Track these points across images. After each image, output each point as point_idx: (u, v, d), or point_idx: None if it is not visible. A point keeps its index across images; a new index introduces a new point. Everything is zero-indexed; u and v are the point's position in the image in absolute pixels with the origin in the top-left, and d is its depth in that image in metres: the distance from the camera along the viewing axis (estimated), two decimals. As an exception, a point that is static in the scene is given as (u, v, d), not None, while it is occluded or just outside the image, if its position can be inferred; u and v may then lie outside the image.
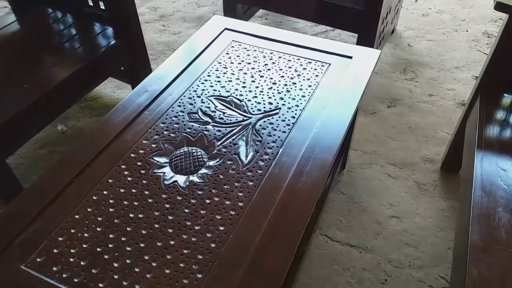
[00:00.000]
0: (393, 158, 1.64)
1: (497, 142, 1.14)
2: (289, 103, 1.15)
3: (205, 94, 1.17)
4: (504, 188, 1.01)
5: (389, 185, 1.55)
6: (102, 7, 1.64)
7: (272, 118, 1.10)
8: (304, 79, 1.23)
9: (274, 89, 1.19)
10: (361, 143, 1.71)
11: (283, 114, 1.11)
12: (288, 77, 1.24)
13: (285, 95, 1.18)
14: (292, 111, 1.12)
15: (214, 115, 1.11)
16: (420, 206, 1.47)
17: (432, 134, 1.74)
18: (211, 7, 2.57)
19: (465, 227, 0.98)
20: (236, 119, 1.09)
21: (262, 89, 1.20)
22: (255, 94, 1.18)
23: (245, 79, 1.23)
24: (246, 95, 1.17)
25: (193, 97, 1.16)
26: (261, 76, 1.24)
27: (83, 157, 0.99)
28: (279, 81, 1.23)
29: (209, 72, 1.25)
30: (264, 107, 1.13)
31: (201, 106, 1.13)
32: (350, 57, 1.31)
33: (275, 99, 1.16)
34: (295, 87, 1.20)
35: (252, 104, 1.14)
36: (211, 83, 1.21)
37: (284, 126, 1.07)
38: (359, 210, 1.47)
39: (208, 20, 1.50)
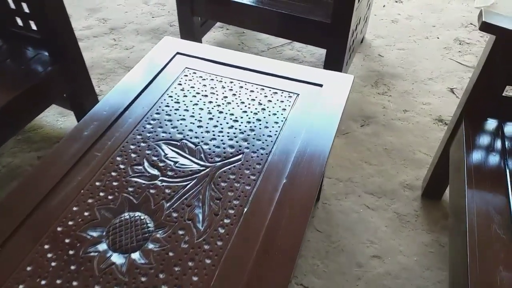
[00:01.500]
0: (371, 185, 1.50)
1: (487, 170, 1.01)
2: (253, 145, 0.98)
3: (153, 138, 0.98)
4: (499, 220, 0.88)
5: (368, 218, 1.40)
6: (34, 27, 1.42)
7: (234, 166, 0.92)
8: (269, 114, 1.06)
9: (236, 128, 1.02)
10: (335, 169, 1.56)
11: (247, 161, 0.94)
12: (251, 112, 1.07)
13: (248, 135, 1.00)
14: (258, 156, 0.95)
15: (164, 166, 0.92)
16: (403, 241, 1.34)
17: (410, 156, 1.61)
18: (166, 17, 2.36)
19: (461, 267, 0.84)
20: (190, 170, 0.91)
21: (222, 128, 1.02)
22: (213, 135, 1.00)
23: (201, 117, 1.05)
24: (203, 137, 0.99)
25: (138, 143, 0.97)
26: (220, 112, 1.07)
27: (-5, 235, 0.78)
28: (241, 117, 1.05)
29: (157, 109, 1.06)
30: (224, 153, 0.95)
31: (147, 154, 0.94)
32: (321, 85, 1.15)
33: (237, 142, 0.98)
34: (260, 124, 1.03)
35: (209, 149, 0.96)
36: (160, 123, 1.02)
37: (249, 177, 0.90)
38: (337, 251, 1.31)
39: (160, 41, 1.30)
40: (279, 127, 1.03)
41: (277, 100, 1.11)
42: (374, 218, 1.40)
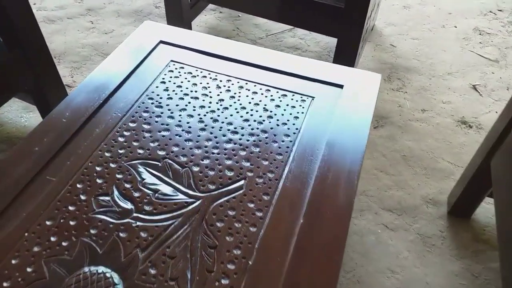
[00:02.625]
0: (389, 200, 1.29)
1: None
2: (258, 167, 0.75)
3: (126, 156, 0.75)
4: None
5: (387, 240, 1.19)
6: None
7: (234, 198, 0.69)
8: (278, 124, 0.83)
9: (236, 143, 0.79)
10: (346, 179, 1.34)
11: (250, 190, 0.71)
12: (254, 120, 0.83)
13: (252, 153, 0.77)
14: (265, 183, 0.72)
15: (139, 197, 0.68)
16: (429, 270, 1.13)
17: (432, 164, 1.40)
18: (152, -3, 2.09)
19: None
20: (175, 203, 0.68)
21: (217, 143, 0.78)
22: (206, 152, 0.77)
23: (190, 127, 0.81)
24: (192, 155, 0.76)
25: (106, 163, 0.73)
26: (215, 120, 0.83)
27: None
28: (242, 128, 0.82)
29: (133, 115, 0.82)
30: (221, 178, 0.72)
31: (118, 180, 0.71)
32: (341, 86, 0.92)
33: (237, 162, 0.75)
34: (266, 138, 0.80)
35: (201, 173, 0.73)
36: (137, 134, 0.79)
37: (254, 214, 0.67)
38: (352, 283, 1.10)
39: (138, 27, 1.05)
40: (291, 141, 0.80)
41: (287, 105, 0.87)
42: (394, 240, 1.19)
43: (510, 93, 1.69)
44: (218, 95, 0.89)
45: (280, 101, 0.88)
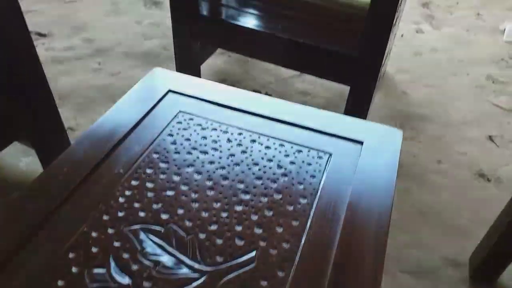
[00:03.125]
0: (407, 261, 1.20)
1: None
2: (272, 234, 0.67)
3: (126, 219, 0.67)
4: None
5: (407, 307, 1.09)
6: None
7: (245, 273, 0.61)
8: (293, 183, 0.76)
9: (247, 206, 0.71)
10: (360, 236, 1.25)
11: (263, 264, 0.63)
12: (268, 179, 0.77)
13: (265, 217, 0.70)
14: (280, 255, 0.64)
15: (138, 270, 0.61)
16: None
17: (450, 221, 1.32)
18: (161, 40, 2.08)
19: None
20: (178, 279, 0.60)
21: (227, 205, 0.71)
22: (214, 216, 0.69)
23: (197, 185, 0.74)
24: (199, 219, 0.69)
25: (104, 228, 0.66)
26: (225, 178, 0.76)
27: None
28: (254, 187, 0.75)
29: (137, 171, 0.76)
30: (230, 248, 0.65)
31: (116, 248, 0.63)
32: (361, 143, 0.85)
33: (248, 228, 0.68)
34: (281, 200, 0.73)
35: (208, 242, 0.65)
36: (138, 194, 0.72)
37: (267, 293, 0.59)
38: None
39: (147, 74, 1.01)
40: (308, 204, 0.72)
41: (303, 161, 0.81)
42: (414, 307, 1.10)
43: (529, 145, 1.62)
44: (229, 149, 0.83)
45: (295, 157, 0.82)
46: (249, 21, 1.43)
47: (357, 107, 1.41)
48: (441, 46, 2.18)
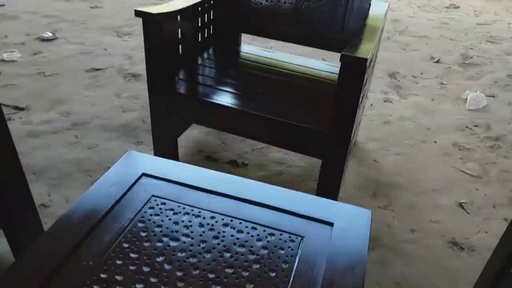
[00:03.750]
0: (386, 338, 1.18)
1: None
2: (243, 328, 0.66)
3: (93, 317, 0.66)
4: None
5: None
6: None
7: None
8: (265, 271, 0.76)
9: (217, 296, 0.71)
10: (338, 312, 1.23)
11: None
12: (239, 268, 0.77)
13: (235, 309, 0.69)
14: None
15: None
16: None
17: (428, 293, 1.31)
18: (139, 112, 2.12)
19: None
20: None
21: (197, 297, 0.71)
22: (185, 309, 0.68)
23: (167, 277, 0.74)
24: (168, 313, 0.67)
25: (69, 328, 0.64)
26: (196, 268, 0.76)
27: None
28: (226, 278, 0.74)
29: (106, 264, 0.75)
30: None
31: None
32: (331, 224, 0.87)
33: (218, 322, 0.67)
34: (252, 290, 0.73)
35: (177, 338, 0.64)
36: (108, 288, 0.70)
37: None
38: None
39: (121, 158, 1.03)
40: (279, 293, 0.72)
41: (275, 246, 0.82)
42: None
43: (497, 211, 1.67)
44: (201, 235, 0.83)
45: (268, 241, 0.83)
46: (225, 99, 1.49)
47: (330, 178, 1.44)
48: (408, 114, 2.30)
